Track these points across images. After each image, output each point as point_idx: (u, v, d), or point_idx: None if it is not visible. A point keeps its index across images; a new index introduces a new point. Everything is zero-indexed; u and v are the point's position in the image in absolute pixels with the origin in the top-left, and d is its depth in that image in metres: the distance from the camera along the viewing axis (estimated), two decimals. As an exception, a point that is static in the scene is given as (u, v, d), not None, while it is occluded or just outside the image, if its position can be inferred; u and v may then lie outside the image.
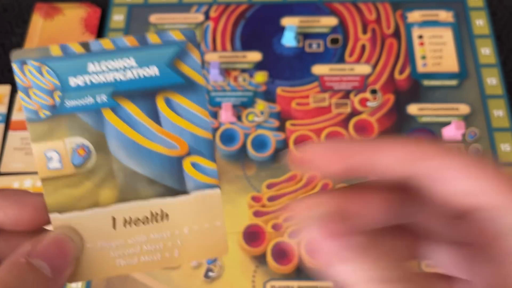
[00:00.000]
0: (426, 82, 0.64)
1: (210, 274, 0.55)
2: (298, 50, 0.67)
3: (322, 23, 0.69)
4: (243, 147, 0.61)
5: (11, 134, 0.63)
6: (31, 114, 0.18)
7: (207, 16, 0.70)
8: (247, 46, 0.67)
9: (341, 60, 0.66)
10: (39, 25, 0.70)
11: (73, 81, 0.18)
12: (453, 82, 0.64)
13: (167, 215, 0.19)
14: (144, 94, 0.18)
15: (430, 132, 0.61)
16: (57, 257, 0.17)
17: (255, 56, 0.67)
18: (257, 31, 0.69)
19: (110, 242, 0.19)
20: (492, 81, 0.64)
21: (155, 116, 0.18)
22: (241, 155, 0.61)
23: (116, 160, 0.19)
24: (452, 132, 0.59)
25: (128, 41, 0.18)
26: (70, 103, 0.18)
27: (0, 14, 0.72)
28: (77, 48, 0.18)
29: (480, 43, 0.66)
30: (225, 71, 0.66)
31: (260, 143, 0.61)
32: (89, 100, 0.18)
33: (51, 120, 0.18)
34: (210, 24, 0.69)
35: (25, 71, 0.18)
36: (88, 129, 0.18)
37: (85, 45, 0.18)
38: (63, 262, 0.17)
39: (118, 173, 0.19)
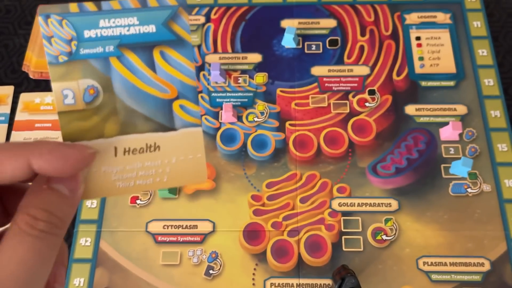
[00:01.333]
0: (424, 83, 0.65)
1: (211, 272, 0.56)
2: (297, 51, 0.68)
3: (321, 25, 0.70)
4: (244, 147, 0.62)
5: (14, 134, 0.64)
6: (52, 58, 0.22)
7: (208, 18, 0.71)
8: (247, 47, 0.68)
9: (340, 61, 0.67)
10: (42, 26, 0.71)
11: (87, 33, 0.22)
12: (451, 83, 0.65)
13: (159, 146, 0.23)
14: (143, 47, 0.22)
15: (428, 132, 0.62)
16: (69, 179, 0.21)
17: (255, 57, 0.68)
18: (257, 32, 0.69)
19: (112, 167, 0.22)
20: (489, 82, 0.65)
21: (151, 65, 0.22)
22: (241, 155, 0.61)
23: (119, 100, 0.23)
24: (449, 132, 0.60)
25: (132, 3, 0.22)
26: (84, 51, 0.22)
27: (3, 15, 0.73)
28: (91, 7, 0.22)
29: (477, 44, 0.67)
30: (226, 72, 0.66)
31: (260, 143, 0.62)
32: (99, 49, 0.22)
33: (68, 64, 0.22)
34: (211, 26, 0.70)
35: (49, 23, 0.22)
36: (97, 73, 0.22)
37: (98, 4, 0.22)
38: (75, 183, 0.21)
39: (120, 110, 0.23)
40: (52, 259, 0.20)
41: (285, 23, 0.70)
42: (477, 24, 0.69)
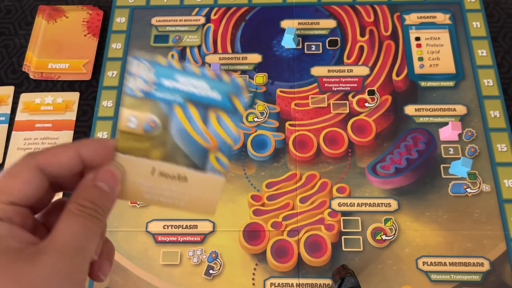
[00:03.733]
0: (423, 83, 0.65)
1: (211, 271, 0.56)
2: (297, 52, 0.68)
3: (321, 25, 0.70)
4: (244, 147, 0.62)
5: (14, 134, 0.64)
6: (130, 91, 0.27)
7: (208, 19, 0.71)
8: (247, 48, 0.69)
9: (339, 61, 0.67)
10: (42, 27, 0.71)
11: (165, 82, 0.27)
12: (450, 83, 0.65)
13: (186, 179, 0.28)
14: (204, 105, 0.28)
15: (428, 132, 0.62)
16: (110, 179, 0.26)
17: (255, 57, 0.68)
18: (257, 33, 0.70)
19: (146, 181, 0.28)
20: (489, 82, 0.65)
21: (205, 121, 0.28)
22: (241, 155, 0.62)
23: (171, 137, 0.28)
24: (449, 132, 0.60)
25: (210, 74, 0.28)
26: (157, 94, 0.27)
27: (3, 16, 0.73)
28: (176, 64, 0.28)
29: (477, 45, 0.67)
30: (226, 73, 0.66)
31: (260, 143, 0.62)
32: (169, 96, 0.28)
33: (141, 100, 0.27)
34: (211, 26, 0.70)
35: (139, 66, 0.27)
36: (161, 113, 0.28)
37: (184, 65, 0.28)
38: (114, 183, 0.26)
39: (168, 144, 0.28)
40: (97, 236, 0.25)
41: (285, 23, 0.70)
42: (477, 25, 0.69)
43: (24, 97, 0.67)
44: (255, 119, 0.63)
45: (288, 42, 0.67)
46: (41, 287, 0.22)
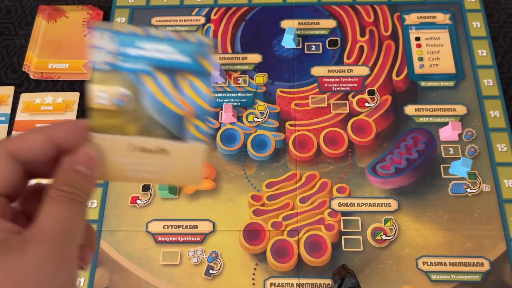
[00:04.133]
0: (423, 83, 0.65)
1: (211, 271, 0.56)
2: (297, 52, 0.68)
3: (321, 25, 0.70)
4: (244, 147, 0.62)
5: (14, 134, 0.64)
6: (96, 65, 0.26)
7: (208, 19, 0.71)
8: (247, 48, 0.69)
9: (339, 61, 0.67)
10: (42, 27, 0.71)
11: (130, 51, 0.26)
12: (450, 83, 0.65)
13: (168, 151, 0.27)
14: (173, 71, 0.27)
15: (428, 132, 0.62)
16: (88, 162, 0.26)
17: (255, 57, 0.68)
18: (257, 33, 0.70)
19: (126, 159, 0.27)
20: (489, 82, 0.65)
21: (176, 87, 0.27)
22: (241, 155, 0.62)
23: (144, 109, 0.27)
24: (449, 132, 0.60)
25: (174, 36, 0.27)
26: (123, 64, 0.26)
27: (3, 16, 0.73)
28: (139, 31, 0.27)
29: (477, 45, 0.67)
30: (226, 73, 0.67)
31: (260, 143, 0.62)
32: (137, 66, 0.27)
33: (108, 73, 0.26)
34: (211, 26, 0.70)
35: (101, 37, 0.26)
36: (131, 84, 0.27)
37: (145, 30, 0.27)
38: (93, 164, 0.26)
39: (143, 117, 0.27)
40: (80, 219, 0.25)
41: (285, 23, 0.70)
42: (477, 25, 0.69)
43: (24, 97, 0.67)
44: (255, 119, 0.63)
45: (288, 42, 0.67)
46: (34, 276, 0.22)
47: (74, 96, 0.67)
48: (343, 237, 0.57)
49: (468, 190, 0.59)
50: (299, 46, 0.68)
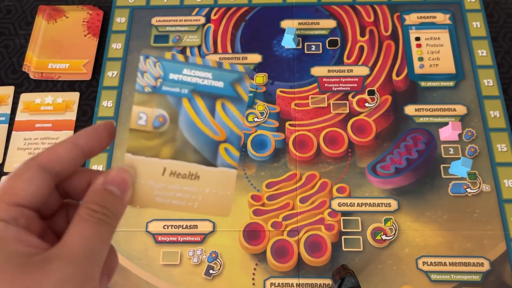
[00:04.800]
0: (423, 83, 0.65)
1: (211, 271, 0.56)
2: (297, 52, 0.68)
3: (321, 25, 0.70)
4: (243, 147, 0.62)
5: (14, 134, 0.64)
6: (139, 87, 0.28)
7: (208, 19, 0.71)
8: (247, 48, 0.69)
9: (339, 61, 0.67)
10: (42, 27, 0.71)
11: (171, 76, 0.28)
12: (450, 83, 0.65)
13: (199, 176, 0.28)
14: (210, 96, 0.28)
15: (428, 132, 0.62)
16: (120, 182, 0.26)
17: (255, 57, 0.68)
18: (257, 33, 0.70)
19: (157, 183, 0.27)
20: (489, 82, 0.65)
21: (212, 111, 0.28)
22: (241, 155, 0.62)
23: (180, 131, 0.28)
24: (449, 132, 0.60)
25: (211, 63, 0.28)
26: (165, 88, 0.28)
27: (3, 16, 0.73)
28: (180, 57, 0.28)
29: (477, 45, 0.67)
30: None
31: (260, 143, 0.62)
32: (176, 89, 0.28)
33: (150, 95, 0.28)
34: (211, 26, 0.70)
35: (146, 62, 0.28)
36: (170, 107, 0.28)
37: (186, 57, 0.28)
38: (125, 186, 0.26)
39: (178, 139, 0.28)
40: (107, 242, 0.24)
41: (285, 23, 0.70)
42: (477, 25, 0.69)
43: (24, 97, 0.67)
44: (255, 119, 0.63)
45: (288, 42, 0.67)
46: None
47: (74, 96, 0.67)
48: (343, 237, 0.57)
49: (468, 190, 0.59)
50: (299, 46, 0.68)
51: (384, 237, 0.56)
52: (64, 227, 0.24)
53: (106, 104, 0.65)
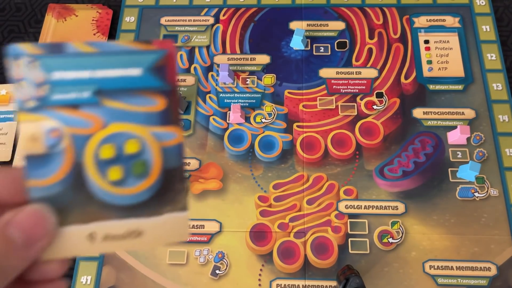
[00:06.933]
0: (432, 87, 0.65)
1: (217, 272, 0.56)
2: (306, 53, 0.68)
3: (330, 27, 0.70)
4: (251, 147, 0.62)
5: (23, 131, 0.64)
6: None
7: (217, 19, 0.71)
8: (255, 49, 0.69)
9: (348, 63, 0.67)
10: (51, 25, 0.71)
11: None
12: (459, 87, 0.65)
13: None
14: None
15: (436, 135, 0.62)
16: (31, 228, 0.18)
17: (263, 58, 0.68)
18: (266, 34, 0.70)
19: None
20: (498, 86, 0.65)
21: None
22: (248, 156, 0.62)
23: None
24: (457, 136, 0.60)
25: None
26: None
27: (13, 13, 0.73)
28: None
29: (486, 49, 0.67)
30: (234, 73, 0.67)
31: (267, 144, 0.62)
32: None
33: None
34: (220, 26, 0.70)
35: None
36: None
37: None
38: (36, 234, 0.18)
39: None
40: None
41: (294, 25, 0.70)
42: (486, 28, 0.69)
43: (33, 95, 0.67)
44: (263, 120, 0.63)
45: (296, 43, 0.67)
46: None
47: (83, 94, 0.67)
48: (349, 239, 0.57)
49: (476, 194, 0.58)
50: (308, 47, 0.68)
51: (391, 240, 0.56)
52: None
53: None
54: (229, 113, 0.63)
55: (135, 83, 0.20)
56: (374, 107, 0.64)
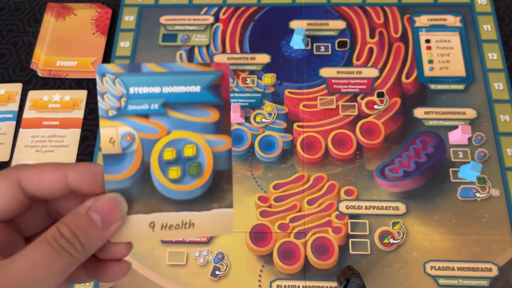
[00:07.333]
0: (433, 86, 0.65)
1: (217, 272, 0.55)
2: (306, 52, 0.68)
3: (330, 26, 0.69)
4: (251, 147, 0.62)
5: (22, 131, 0.64)
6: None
7: (216, 18, 0.70)
8: (255, 48, 0.68)
9: (348, 63, 0.67)
10: (50, 24, 0.71)
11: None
12: (460, 86, 0.65)
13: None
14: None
15: (437, 135, 0.62)
16: (107, 214, 0.23)
17: (263, 58, 0.67)
18: (266, 33, 0.69)
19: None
20: (499, 85, 0.64)
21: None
22: (248, 156, 0.61)
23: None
24: (458, 136, 0.59)
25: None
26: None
27: (12, 13, 0.73)
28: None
29: (487, 48, 0.67)
30: (234, 73, 0.66)
31: (267, 144, 0.62)
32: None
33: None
34: (220, 26, 0.70)
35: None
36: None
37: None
38: (110, 219, 0.23)
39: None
40: (61, 277, 0.21)
41: (294, 24, 0.70)
42: (487, 28, 0.68)
43: (32, 94, 0.67)
44: (263, 120, 0.63)
45: (297, 42, 0.67)
46: None
47: (82, 94, 0.66)
48: (350, 240, 0.56)
49: (477, 194, 0.58)
50: (308, 47, 0.68)
51: (391, 240, 0.56)
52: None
53: (113, 103, 0.65)
54: (229, 112, 0.63)
55: (195, 98, 0.25)
56: (375, 106, 0.64)
